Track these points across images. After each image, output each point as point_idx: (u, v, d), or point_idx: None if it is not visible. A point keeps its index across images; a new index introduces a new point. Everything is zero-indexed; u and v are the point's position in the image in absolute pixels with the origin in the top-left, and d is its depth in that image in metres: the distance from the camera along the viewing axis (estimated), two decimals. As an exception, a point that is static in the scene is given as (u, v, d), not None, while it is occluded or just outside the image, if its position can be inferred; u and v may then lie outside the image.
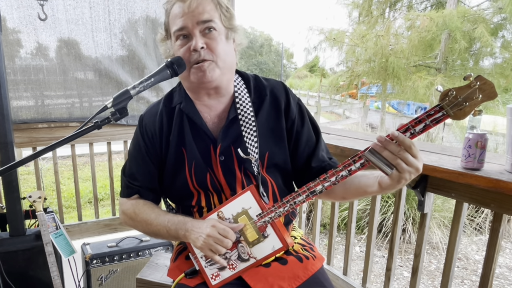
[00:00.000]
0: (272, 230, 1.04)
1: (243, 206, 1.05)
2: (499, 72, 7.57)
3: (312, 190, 0.97)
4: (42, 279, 1.91)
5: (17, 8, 2.11)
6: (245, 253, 1.06)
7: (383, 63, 8.00)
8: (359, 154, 0.90)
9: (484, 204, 1.33)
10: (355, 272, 3.15)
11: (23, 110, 2.25)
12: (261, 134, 1.11)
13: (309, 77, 36.30)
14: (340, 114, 15.00)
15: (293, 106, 1.15)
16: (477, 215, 3.83)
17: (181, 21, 1.01)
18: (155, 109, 1.18)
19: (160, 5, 2.45)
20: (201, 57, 1.01)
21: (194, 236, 1.03)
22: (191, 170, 1.11)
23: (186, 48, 1.02)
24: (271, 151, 1.12)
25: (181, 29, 1.01)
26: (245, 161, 1.09)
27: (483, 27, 7.10)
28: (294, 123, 1.14)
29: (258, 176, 1.09)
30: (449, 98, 0.80)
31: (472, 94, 0.78)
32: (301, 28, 40.17)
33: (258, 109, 1.13)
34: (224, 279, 1.08)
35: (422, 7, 10.55)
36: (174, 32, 1.03)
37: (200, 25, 1.01)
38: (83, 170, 6.13)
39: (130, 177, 1.19)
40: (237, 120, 1.11)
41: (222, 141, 1.10)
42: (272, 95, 1.14)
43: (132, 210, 1.15)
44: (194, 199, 1.14)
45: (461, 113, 0.80)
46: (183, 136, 1.12)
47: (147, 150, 1.16)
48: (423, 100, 8.52)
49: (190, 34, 1.01)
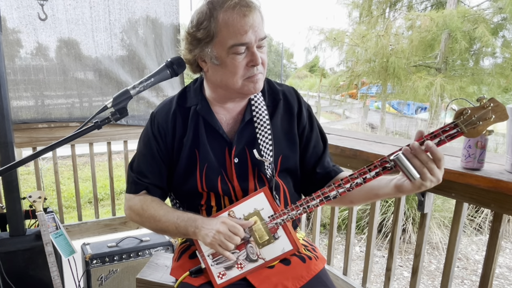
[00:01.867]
0: (283, 232, 1.05)
1: (256, 207, 1.06)
2: (499, 72, 7.56)
3: (326, 196, 0.99)
4: (42, 279, 1.91)
5: (17, 8, 2.11)
6: (254, 254, 1.07)
7: (384, 63, 8.00)
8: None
9: (484, 204, 1.33)
10: (355, 272, 3.15)
11: (23, 110, 2.25)
12: (275, 138, 1.13)
13: (309, 77, 36.28)
14: (340, 114, 15.00)
15: (304, 112, 1.18)
16: (477, 215, 3.83)
17: (246, 37, 0.98)
18: (167, 107, 1.17)
19: (161, 5, 2.45)
20: (258, 71, 1.03)
21: (204, 232, 1.03)
22: (202, 173, 1.12)
23: (244, 62, 1.02)
24: (284, 155, 1.14)
25: (244, 44, 1.00)
26: (259, 164, 1.10)
27: (483, 27, 7.10)
28: (305, 129, 1.17)
29: (272, 179, 1.11)
30: (464, 117, 0.85)
31: (485, 115, 0.84)
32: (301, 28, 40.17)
33: (272, 112, 1.15)
34: (230, 279, 1.08)
35: (422, 7, 10.55)
36: (234, 45, 0.99)
37: (257, 42, 1.01)
38: (83, 170, 6.13)
39: (138, 173, 1.18)
40: (252, 123, 1.12)
41: (237, 143, 1.11)
42: (286, 100, 1.17)
43: (140, 206, 1.15)
44: (203, 199, 1.15)
45: (474, 131, 0.85)
46: (197, 138, 1.12)
47: (158, 148, 1.15)
48: (423, 100, 8.52)
49: (250, 49, 1.01)
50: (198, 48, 1.03)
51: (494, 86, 7.62)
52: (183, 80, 2.66)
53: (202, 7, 1.01)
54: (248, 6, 0.97)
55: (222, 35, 0.99)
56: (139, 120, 2.52)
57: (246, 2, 0.97)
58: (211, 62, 1.03)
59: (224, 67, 1.02)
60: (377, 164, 0.92)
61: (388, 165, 0.92)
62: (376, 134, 6.81)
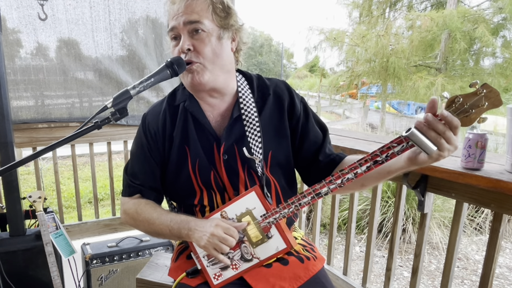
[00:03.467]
0: (276, 230, 1.04)
1: (247, 206, 1.05)
2: (499, 72, 7.57)
3: (317, 192, 0.96)
4: (42, 279, 1.91)
5: (17, 8, 2.11)
6: (248, 253, 1.07)
7: (384, 63, 8.00)
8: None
9: (484, 204, 1.33)
10: (355, 272, 3.15)
11: (23, 110, 2.25)
12: (264, 133, 1.11)
13: (309, 77, 36.27)
14: (340, 114, 15.00)
15: (297, 104, 1.16)
16: (477, 215, 3.83)
17: (172, 22, 1.02)
18: (158, 108, 1.19)
19: (161, 5, 2.45)
20: (188, 58, 1.01)
21: (198, 235, 1.03)
22: (195, 168, 1.12)
23: (176, 50, 1.03)
24: (274, 150, 1.13)
25: (172, 30, 1.03)
26: (249, 161, 1.09)
27: (484, 27, 7.10)
28: (299, 120, 1.15)
29: (263, 177, 1.10)
30: (456, 105, 0.81)
31: (478, 102, 0.80)
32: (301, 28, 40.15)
33: (261, 108, 1.13)
34: (226, 279, 1.08)
35: (422, 7, 10.55)
36: (168, 32, 1.05)
37: (187, 26, 1.01)
38: (83, 170, 6.13)
39: (132, 175, 1.18)
40: (240, 119, 1.11)
41: (226, 140, 1.10)
42: (275, 94, 1.15)
43: (134, 209, 1.15)
44: (196, 198, 1.14)
45: (467, 119, 0.81)
46: (186, 134, 1.12)
47: (150, 148, 1.16)
48: (424, 100, 8.51)
49: (179, 35, 1.02)
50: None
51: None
52: (183, 80, 2.66)
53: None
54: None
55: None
56: (139, 120, 2.50)
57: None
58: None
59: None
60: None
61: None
62: (376, 134, 6.81)
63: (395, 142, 0.86)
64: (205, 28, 1.01)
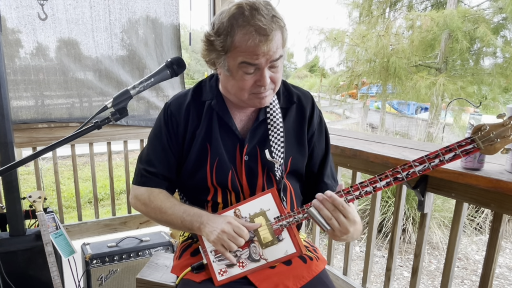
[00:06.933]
0: (288, 234, 1.05)
1: (262, 207, 1.07)
2: (499, 72, 7.56)
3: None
4: (42, 279, 1.91)
5: (17, 8, 2.11)
6: (256, 254, 1.07)
7: (384, 63, 8.00)
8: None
9: (484, 204, 1.33)
10: (355, 272, 3.15)
11: (23, 110, 2.25)
12: (287, 139, 1.14)
13: (309, 77, 36.23)
14: (340, 114, 14.98)
15: (315, 118, 1.19)
16: (477, 215, 3.83)
17: (256, 59, 0.98)
18: (182, 99, 1.18)
19: (161, 5, 2.45)
20: (266, 90, 1.04)
21: (209, 229, 1.04)
22: (212, 167, 1.12)
23: (252, 81, 1.02)
24: (294, 157, 1.16)
25: (253, 65, 1.00)
26: (269, 164, 1.11)
27: (484, 27, 7.10)
28: (314, 135, 1.19)
29: (281, 181, 1.12)
30: (482, 133, 0.84)
31: (504, 132, 0.83)
32: (301, 28, 40.12)
33: (285, 114, 1.16)
34: (231, 276, 1.09)
35: (423, 7, 10.54)
36: (244, 62, 0.99)
37: (271, 63, 1.01)
38: (83, 170, 6.13)
39: (147, 163, 1.18)
40: (265, 122, 1.14)
41: (249, 142, 1.12)
42: (300, 103, 1.19)
43: (147, 195, 1.16)
44: (210, 195, 1.15)
45: (491, 148, 0.85)
46: (210, 132, 1.13)
47: (169, 138, 1.16)
48: (425, 100, 8.52)
49: (259, 70, 1.01)
50: (214, 54, 1.04)
51: (495, 86, 7.62)
52: (183, 80, 2.66)
53: (224, 18, 0.98)
54: (266, 35, 0.95)
55: (235, 52, 0.99)
56: (139, 120, 2.53)
57: (265, 31, 0.95)
58: (223, 70, 1.05)
59: (234, 79, 1.04)
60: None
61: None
62: (376, 134, 6.81)
63: (417, 162, 0.91)
64: (282, 58, 1.03)
